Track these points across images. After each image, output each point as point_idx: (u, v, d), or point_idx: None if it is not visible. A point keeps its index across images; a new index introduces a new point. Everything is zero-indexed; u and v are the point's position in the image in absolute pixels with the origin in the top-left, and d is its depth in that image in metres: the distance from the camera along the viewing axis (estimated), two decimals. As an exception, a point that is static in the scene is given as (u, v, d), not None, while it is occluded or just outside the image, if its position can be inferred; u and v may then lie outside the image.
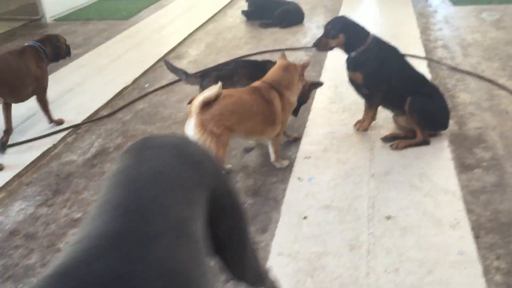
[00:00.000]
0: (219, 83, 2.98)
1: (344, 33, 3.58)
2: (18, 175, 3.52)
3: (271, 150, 3.45)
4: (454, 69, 4.96)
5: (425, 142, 3.55)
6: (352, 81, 3.72)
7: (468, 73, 4.83)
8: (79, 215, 3.08)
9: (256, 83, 3.28)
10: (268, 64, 3.78)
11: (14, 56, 3.86)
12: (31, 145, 3.95)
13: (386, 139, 3.67)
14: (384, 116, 3.95)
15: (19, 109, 4.56)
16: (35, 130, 4.18)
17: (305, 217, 2.88)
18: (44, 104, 4.15)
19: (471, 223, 2.76)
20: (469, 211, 2.87)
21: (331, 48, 3.71)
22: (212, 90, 2.95)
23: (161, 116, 4.42)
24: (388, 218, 2.82)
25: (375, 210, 2.89)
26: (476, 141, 3.63)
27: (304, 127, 3.99)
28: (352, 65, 3.66)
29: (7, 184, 3.42)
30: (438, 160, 3.40)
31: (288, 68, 3.35)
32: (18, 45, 6.90)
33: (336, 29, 3.61)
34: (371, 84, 3.61)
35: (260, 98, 3.17)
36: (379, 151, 3.55)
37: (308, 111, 4.25)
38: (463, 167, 3.33)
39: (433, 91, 3.67)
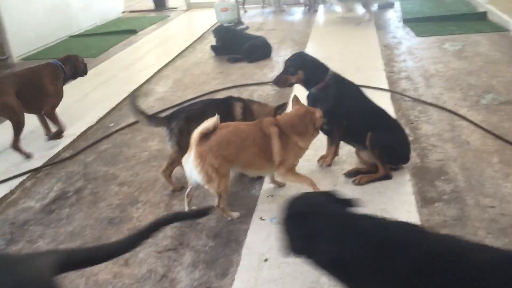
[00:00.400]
0: (216, 116, 3.00)
1: (303, 69, 3.61)
2: (-29, 225, 3.40)
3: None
4: (417, 100, 5.04)
5: (387, 177, 3.56)
6: (313, 117, 3.73)
7: (430, 104, 4.91)
8: (32, 265, 2.96)
9: (264, 119, 3.33)
10: (230, 100, 3.77)
11: (33, 72, 4.45)
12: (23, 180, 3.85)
13: (349, 174, 3.67)
14: (347, 150, 3.96)
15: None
16: (-7, 175, 4.06)
17: (266, 260, 2.83)
18: (52, 118, 4.62)
19: (431, 259, 2.74)
20: (430, 247, 2.85)
21: (290, 85, 3.74)
22: (210, 121, 2.99)
23: (125, 156, 4.36)
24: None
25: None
26: (437, 174, 3.65)
27: (268, 164, 3.96)
28: (311, 102, 3.68)
29: (-41, 235, 3.29)
30: (400, 195, 3.39)
31: (305, 116, 3.28)
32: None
33: (295, 66, 3.65)
34: (331, 120, 3.62)
35: (258, 130, 3.18)
36: (342, 186, 3.53)
37: (272, 147, 4.23)
38: (424, 201, 3.33)
39: (393, 125, 3.70)
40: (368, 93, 3.84)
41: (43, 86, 4.44)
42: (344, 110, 3.58)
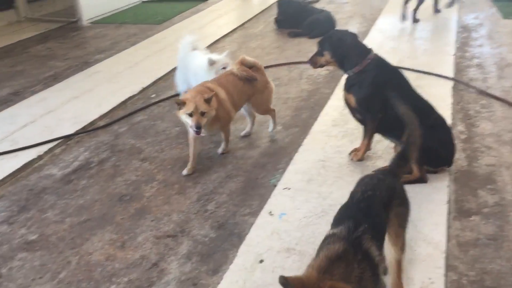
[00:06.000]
0: None
1: (330, 51, 3.26)
2: (-6, 187, 3.47)
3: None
4: (482, 92, 4.46)
5: (422, 180, 3.15)
6: (347, 102, 3.38)
7: (497, 98, 4.33)
8: (34, 237, 2.95)
9: None
10: None
11: None
12: (17, 154, 3.91)
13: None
14: (386, 145, 3.58)
15: (20, 116, 4.58)
16: (29, 139, 4.13)
17: (261, 261, 2.60)
18: None
19: (448, 284, 2.37)
20: (451, 268, 2.48)
21: (321, 66, 3.40)
22: None
23: (156, 130, 4.26)
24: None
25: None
26: (483, 181, 3.19)
27: (296, 152, 3.68)
28: (346, 86, 3.33)
29: (-22, 196, 3.38)
30: (432, 202, 2.99)
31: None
32: (49, 47, 7.08)
33: (322, 46, 3.30)
34: (364, 110, 3.25)
35: None
36: (368, 186, 3.18)
37: (306, 133, 3.94)
38: (459, 212, 2.91)
39: (438, 123, 3.26)
40: (428, 80, 3.39)
41: None
42: (380, 101, 3.18)
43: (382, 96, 3.17)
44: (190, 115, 3.27)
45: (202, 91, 3.43)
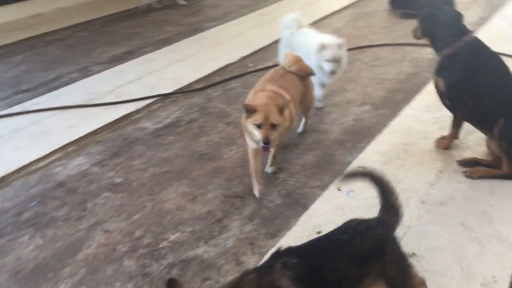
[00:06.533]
0: None
1: (421, 25, 3.09)
2: (94, 133, 3.84)
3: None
4: None
5: (509, 177, 2.91)
6: (436, 87, 3.20)
7: None
8: (119, 180, 3.24)
9: None
10: None
11: None
12: (120, 106, 4.26)
13: (464, 163, 3.10)
14: (478, 137, 3.34)
15: (128, 73, 4.97)
16: (131, 93, 4.48)
17: (318, 232, 2.60)
18: None
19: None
20: (520, 272, 2.29)
21: (418, 38, 3.24)
22: None
23: (245, 97, 4.37)
24: (412, 255, 2.40)
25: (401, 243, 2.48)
26: None
27: (380, 133, 3.58)
28: (436, 68, 3.15)
29: (81, 139, 3.76)
30: (515, 201, 2.76)
31: None
32: (168, 13, 7.51)
33: (419, 19, 3.14)
34: (454, 97, 3.06)
35: None
36: (448, 175, 3.02)
37: (394, 116, 3.81)
38: (546, 216, 2.65)
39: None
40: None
41: None
42: (472, 88, 2.96)
43: (474, 83, 2.95)
44: (259, 126, 2.77)
45: (273, 97, 2.93)
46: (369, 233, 1.80)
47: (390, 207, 1.97)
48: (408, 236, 2.52)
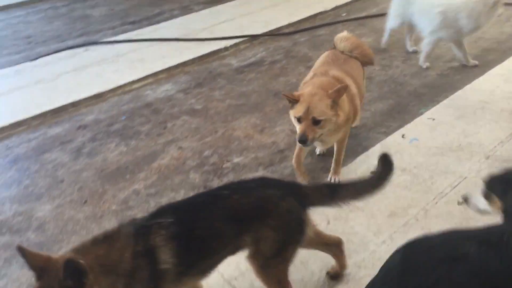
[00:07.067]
0: None
1: None
2: (183, 64, 4.16)
3: None
4: None
5: None
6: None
7: None
8: (198, 107, 3.53)
9: None
10: None
11: None
12: (210, 42, 4.53)
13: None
14: None
15: (223, 14, 5.19)
16: (223, 31, 4.73)
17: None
18: None
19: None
20: None
21: None
22: None
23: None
24: (460, 203, 2.42)
25: (452, 191, 2.50)
26: None
27: (460, 89, 3.49)
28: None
29: (172, 68, 4.10)
30: None
31: None
32: None
33: None
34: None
35: None
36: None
37: (481, 74, 3.67)
38: None
39: None
40: None
41: None
42: None
43: None
44: (299, 120, 2.34)
45: (332, 86, 2.35)
46: (255, 192, 1.67)
47: (345, 189, 1.84)
48: (461, 185, 2.53)
